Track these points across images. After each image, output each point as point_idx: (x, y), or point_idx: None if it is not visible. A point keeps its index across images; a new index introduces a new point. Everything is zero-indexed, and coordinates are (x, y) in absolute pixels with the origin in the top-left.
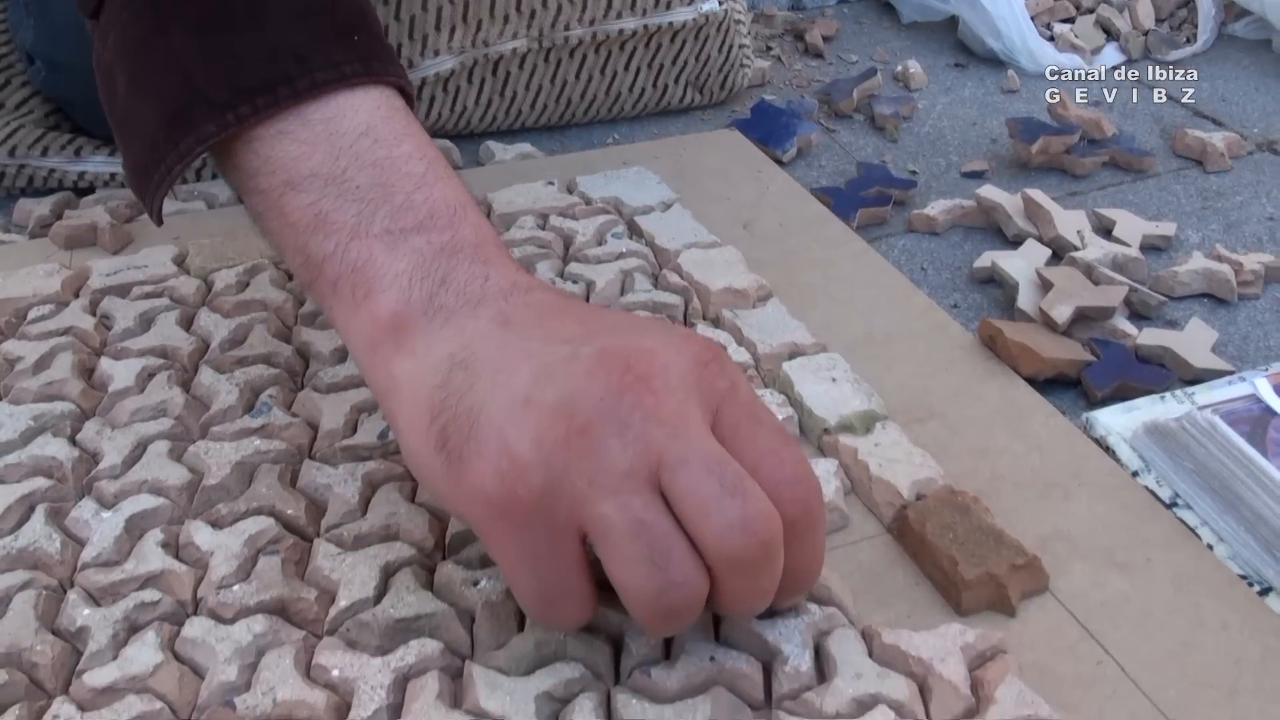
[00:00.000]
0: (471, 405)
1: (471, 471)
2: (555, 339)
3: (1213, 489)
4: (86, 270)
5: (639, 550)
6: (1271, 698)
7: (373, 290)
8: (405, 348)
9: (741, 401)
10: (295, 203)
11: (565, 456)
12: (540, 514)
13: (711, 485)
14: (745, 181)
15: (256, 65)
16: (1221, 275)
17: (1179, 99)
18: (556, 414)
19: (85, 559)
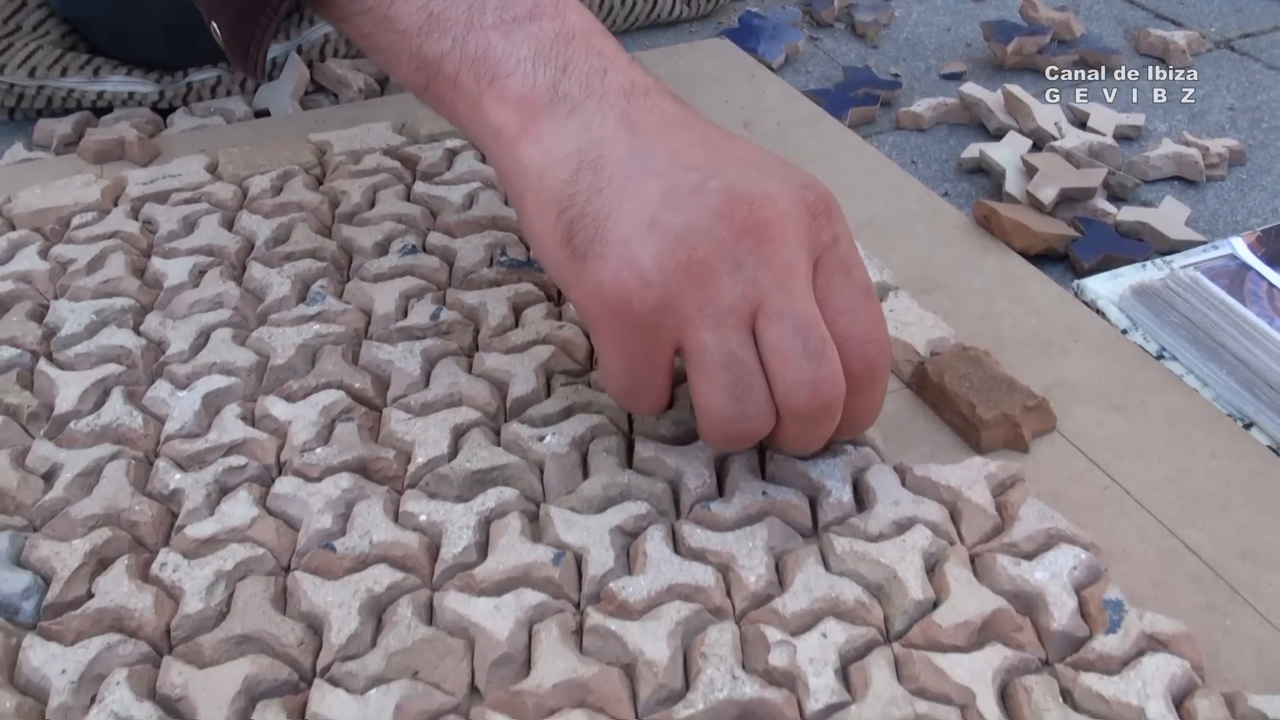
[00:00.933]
0: (599, 208)
1: (593, 271)
2: (681, 161)
3: (1196, 339)
4: (123, 180)
5: (725, 380)
6: (1260, 510)
7: (497, 75)
8: (531, 133)
9: (840, 255)
10: (404, 9)
11: (681, 282)
12: (647, 325)
13: (796, 344)
14: (741, 86)
15: None
16: (1190, 158)
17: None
18: (680, 241)
19: (168, 432)
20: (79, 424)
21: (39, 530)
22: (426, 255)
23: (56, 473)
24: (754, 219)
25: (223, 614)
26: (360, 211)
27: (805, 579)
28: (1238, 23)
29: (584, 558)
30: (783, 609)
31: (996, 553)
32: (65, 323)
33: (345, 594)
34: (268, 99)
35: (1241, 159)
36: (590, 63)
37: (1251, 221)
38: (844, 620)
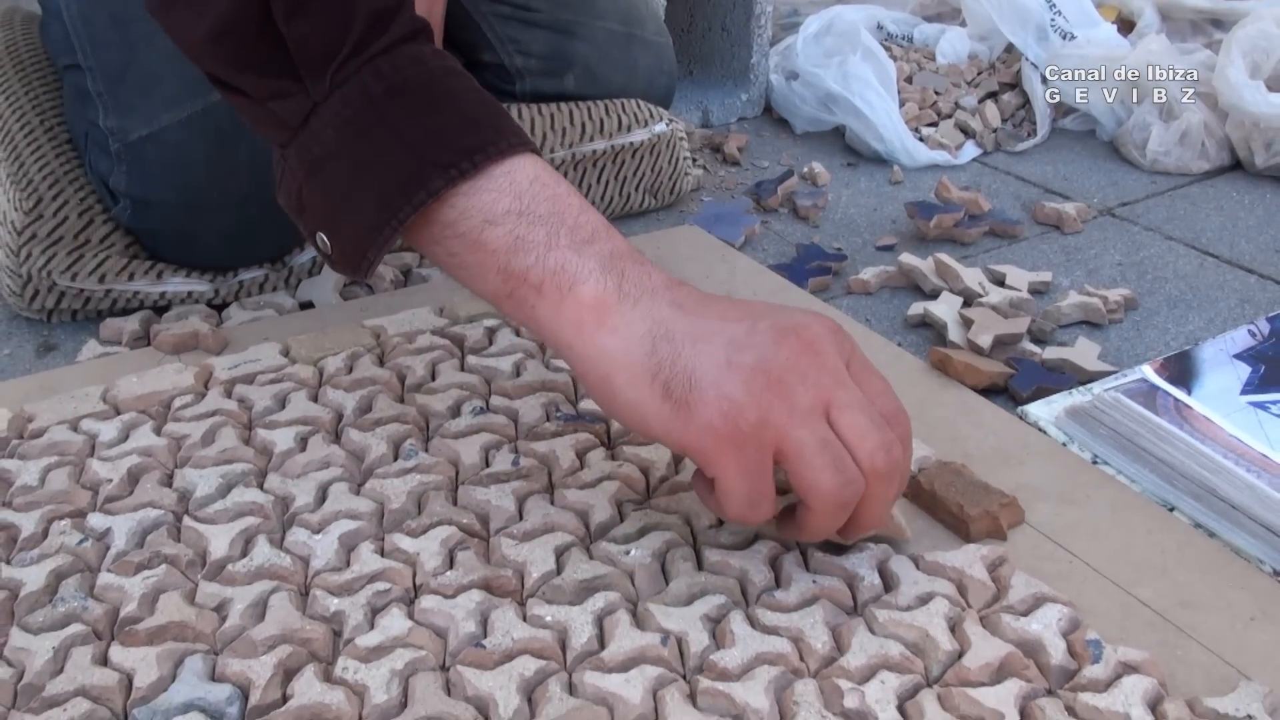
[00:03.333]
0: (685, 366)
1: (700, 413)
2: (727, 318)
3: (1123, 447)
4: (210, 366)
5: (826, 459)
6: (1190, 571)
7: (575, 282)
8: (607, 325)
9: (860, 358)
10: (494, 234)
11: (769, 398)
12: (754, 439)
13: (865, 420)
14: (716, 264)
15: (467, 135)
16: (1094, 305)
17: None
18: (756, 370)
19: (315, 568)
20: (235, 566)
21: (221, 653)
22: (494, 414)
23: (227, 606)
24: (803, 340)
25: (403, 703)
26: (426, 382)
27: (860, 642)
28: (1115, 194)
29: (684, 640)
30: (847, 665)
31: (999, 613)
32: (196, 487)
33: (502, 679)
34: (310, 292)
35: (1134, 304)
36: (639, 269)
37: (1149, 354)
38: (894, 670)
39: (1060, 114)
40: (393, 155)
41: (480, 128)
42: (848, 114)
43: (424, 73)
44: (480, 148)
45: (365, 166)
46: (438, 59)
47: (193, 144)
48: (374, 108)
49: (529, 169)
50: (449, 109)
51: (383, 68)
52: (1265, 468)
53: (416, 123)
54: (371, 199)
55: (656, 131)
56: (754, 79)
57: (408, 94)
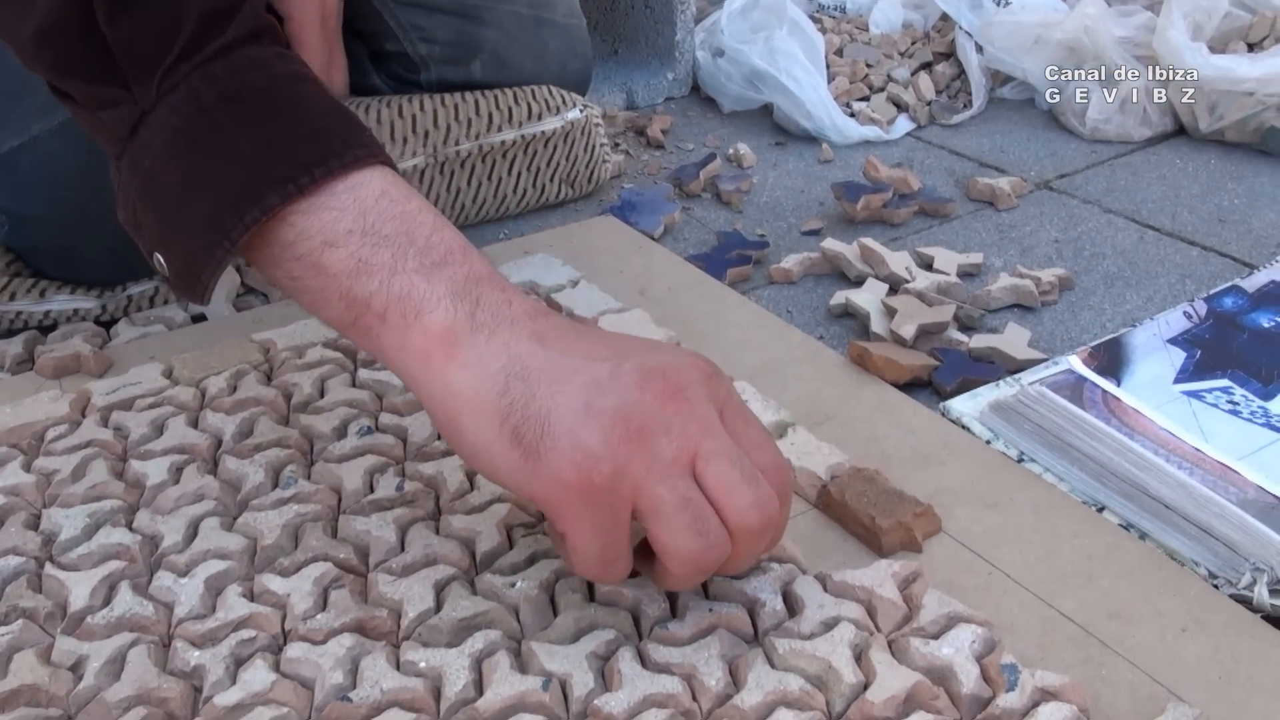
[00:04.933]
0: (539, 410)
1: (550, 463)
2: (591, 356)
3: (1049, 443)
4: (87, 392)
5: (686, 520)
6: (1118, 577)
7: (421, 311)
8: (457, 359)
9: (735, 404)
10: (335, 256)
11: (627, 450)
12: (608, 495)
13: (735, 474)
14: (631, 257)
15: (307, 146)
16: (1026, 288)
17: (965, 154)
18: (616, 417)
19: (178, 616)
20: (94, 618)
21: (74, 718)
22: (381, 434)
23: (83, 664)
24: (670, 385)
25: None
26: (313, 401)
27: (756, 677)
28: (1053, 165)
29: (568, 682)
30: (742, 704)
31: (909, 637)
32: (62, 529)
33: None
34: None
35: (1070, 285)
36: (497, 297)
37: (1084, 337)
38: (793, 708)
39: (998, 82)
40: (225, 169)
41: (324, 138)
42: (775, 91)
43: (263, 78)
44: (322, 160)
45: (196, 181)
46: (282, 62)
47: (67, 153)
48: (205, 116)
49: (376, 183)
50: (289, 118)
51: (216, 72)
52: (1198, 463)
53: (252, 133)
54: (204, 216)
55: (570, 118)
56: (679, 57)
57: (243, 101)
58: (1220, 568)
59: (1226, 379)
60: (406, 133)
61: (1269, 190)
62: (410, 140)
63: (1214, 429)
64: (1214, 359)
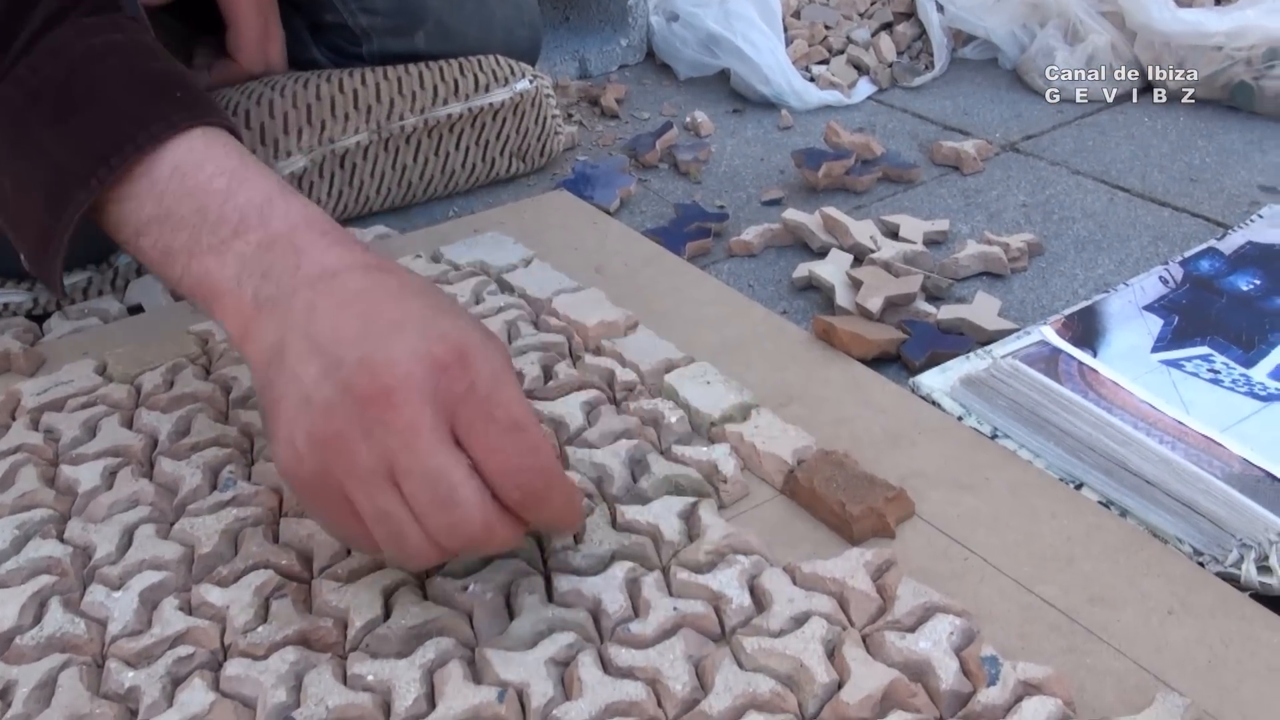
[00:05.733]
0: (275, 397)
1: (274, 450)
2: (339, 338)
3: (1023, 418)
4: (16, 393)
5: (383, 533)
6: (1100, 559)
7: (215, 296)
8: (250, 337)
9: (478, 400)
10: (145, 245)
11: (326, 454)
12: (317, 489)
13: (425, 497)
14: (586, 232)
15: (103, 135)
16: (994, 255)
17: (928, 117)
18: (322, 416)
19: (112, 633)
20: (24, 639)
21: None
22: None
23: (12, 689)
24: (374, 387)
25: None
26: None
27: (725, 679)
28: (1019, 127)
29: (525, 692)
30: (710, 709)
31: (884, 630)
32: None
33: None
34: (140, 294)
35: (1040, 250)
36: (286, 261)
37: (1056, 304)
38: (764, 711)
39: (960, 42)
40: (40, 171)
41: (117, 122)
42: (731, 56)
43: (62, 67)
44: (117, 148)
45: (23, 184)
46: (82, 39)
47: None
48: (20, 119)
49: (168, 160)
50: (86, 106)
51: (20, 73)
52: (1180, 436)
53: (56, 130)
54: (35, 218)
55: (519, 89)
56: (633, 23)
57: (45, 98)
58: (1206, 545)
59: (1206, 346)
60: (348, 108)
61: (1240, 147)
62: (353, 116)
63: (1195, 399)
64: (1192, 325)
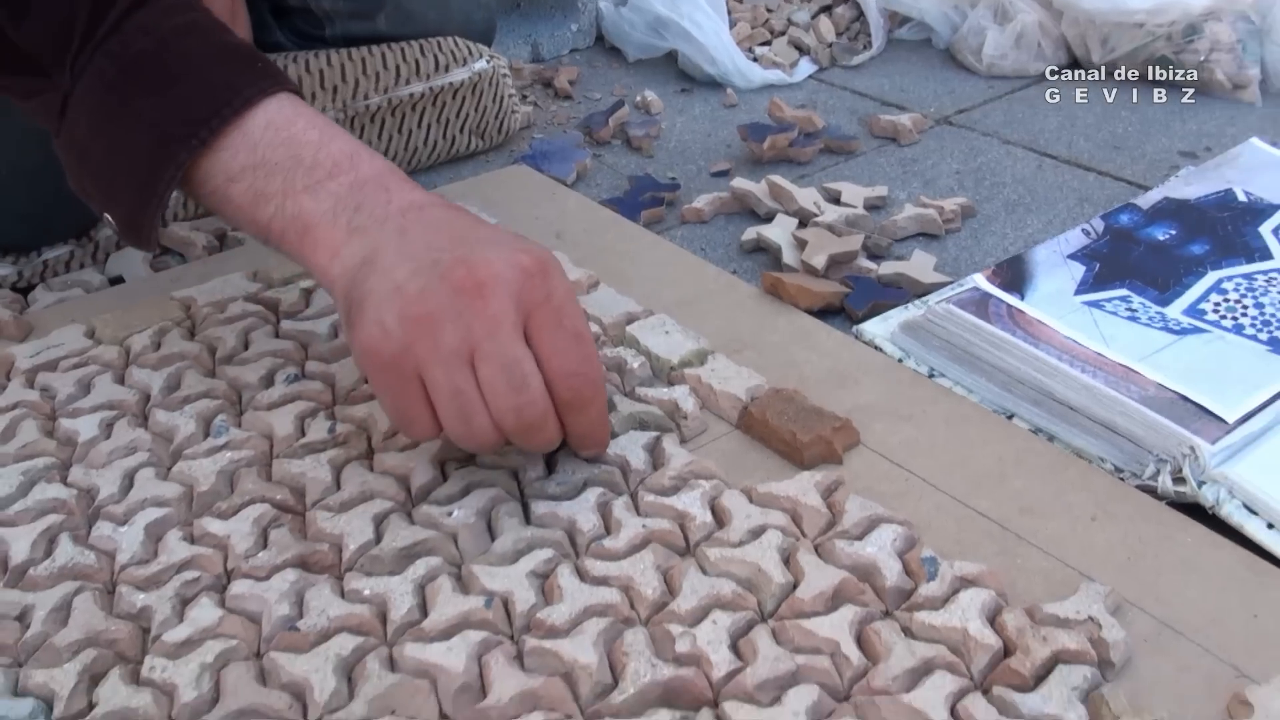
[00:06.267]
0: (365, 290)
1: (356, 333)
2: (433, 246)
3: (957, 357)
4: (9, 356)
5: (454, 408)
6: (1030, 478)
7: (308, 229)
8: (337, 258)
9: (552, 308)
10: (236, 190)
11: (415, 332)
12: (395, 365)
13: (501, 379)
14: (546, 203)
15: (202, 100)
16: (930, 217)
17: (867, 94)
18: (413, 301)
19: (121, 562)
20: (37, 570)
21: (25, 664)
22: (309, 380)
23: (29, 613)
24: (470, 280)
25: (215, 699)
26: (238, 353)
27: (691, 584)
28: (952, 101)
29: (510, 599)
30: (678, 609)
31: (834, 540)
32: None
33: (318, 661)
34: (121, 266)
35: (972, 212)
36: (377, 197)
37: (988, 260)
38: (727, 609)
39: (895, 23)
40: (139, 135)
41: (213, 90)
42: (678, 38)
43: (153, 42)
44: (215, 111)
45: (120, 148)
46: (168, 18)
47: None
48: (114, 91)
49: (261, 117)
50: (182, 76)
51: (113, 48)
52: (1100, 366)
53: (152, 99)
54: (134, 178)
55: (477, 69)
56: (583, 7)
57: (140, 70)
58: (1125, 462)
59: (1125, 288)
60: (315, 89)
61: (1160, 117)
62: (319, 96)
63: (1114, 334)
64: (1112, 270)
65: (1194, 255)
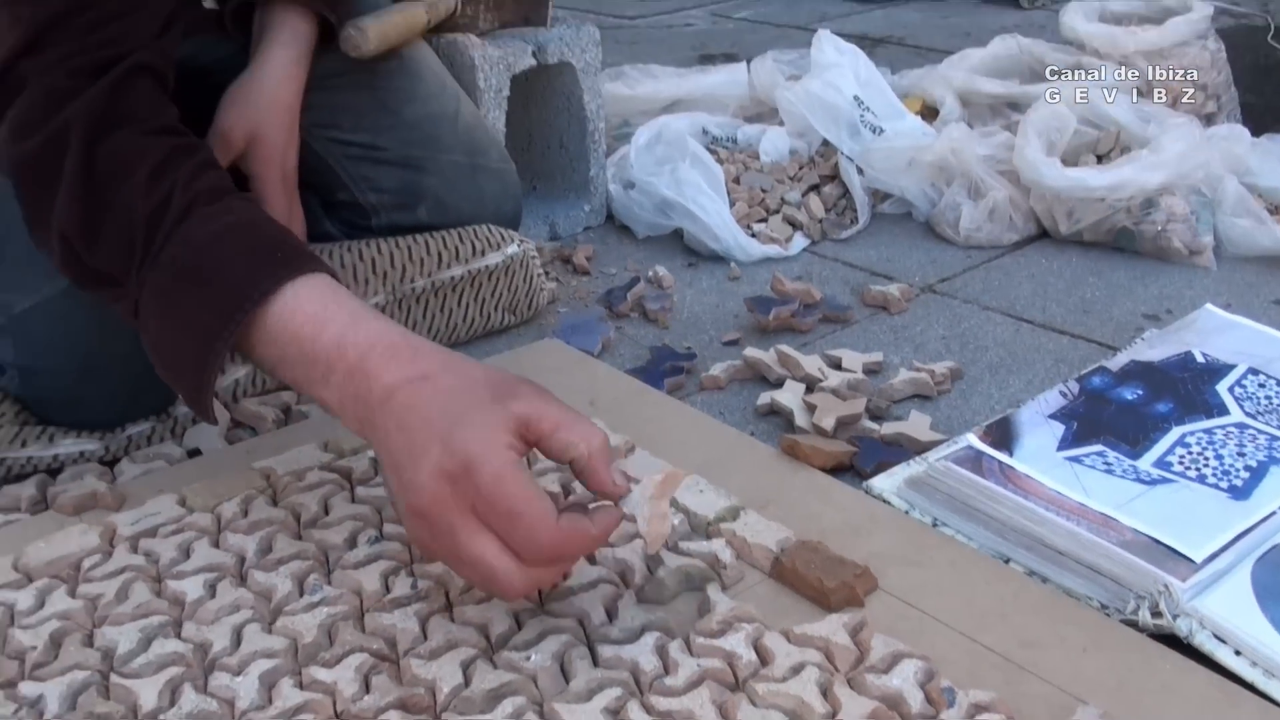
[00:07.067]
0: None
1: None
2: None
3: (957, 509)
4: (112, 524)
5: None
6: (1027, 614)
7: (338, 415)
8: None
9: (484, 500)
10: (282, 379)
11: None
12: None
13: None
14: (578, 374)
15: (228, 299)
16: (923, 380)
17: (857, 265)
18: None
19: (241, 709)
20: (166, 716)
21: None
22: (388, 541)
23: None
24: (417, 507)
25: None
26: (320, 518)
27: (744, 716)
28: (934, 270)
29: None
30: None
31: (864, 673)
32: (118, 644)
33: None
34: (197, 439)
35: (960, 375)
36: (365, 385)
37: (977, 418)
38: None
39: (878, 200)
40: (188, 334)
41: (237, 286)
42: (684, 218)
43: (193, 252)
44: (239, 307)
45: (177, 346)
46: (204, 228)
47: (75, 312)
48: (167, 297)
49: (274, 313)
50: (213, 279)
51: (164, 260)
52: (1083, 515)
53: (194, 302)
54: (189, 369)
55: (510, 253)
56: (594, 190)
57: (184, 277)
58: (1110, 599)
59: (1100, 444)
60: (367, 274)
61: (1125, 282)
62: (371, 280)
63: (1093, 486)
64: (1088, 429)
65: (1160, 414)
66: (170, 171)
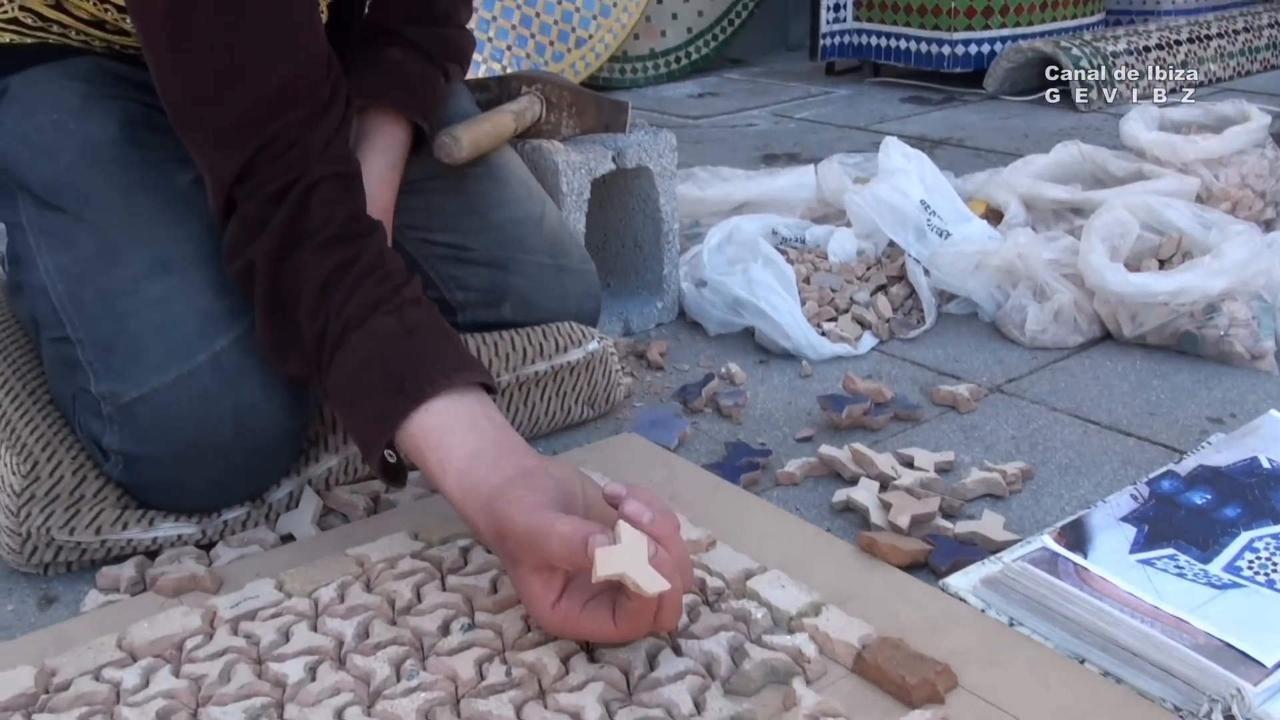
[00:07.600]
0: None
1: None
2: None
3: (1034, 609)
4: (212, 607)
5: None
6: (1104, 714)
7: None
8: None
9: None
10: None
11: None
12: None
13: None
14: (657, 468)
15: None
16: (995, 481)
17: (925, 364)
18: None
19: None
20: None
21: None
22: (480, 629)
23: None
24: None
25: None
26: (414, 605)
27: None
28: (1001, 371)
29: None
30: None
31: None
32: None
33: None
34: (290, 525)
35: (1030, 475)
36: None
37: (1048, 519)
38: None
39: (944, 300)
40: (363, 417)
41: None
42: (755, 316)
43: (372, 346)
44: (385, 427)
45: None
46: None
47: (180, 403)
48: (342, 395)
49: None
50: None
51: (329, 387)
52: (1156, 617)
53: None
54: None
55: (590, 350)
56: (667, 288)
57: (346, 389)
58: (1183, 701)
59: (1172, 548)
60: None
61: (1189, 385)
62: None
63: (1166, 589)
64: (1160, 532)
65: (1228, 519)
66: (330, 291)
